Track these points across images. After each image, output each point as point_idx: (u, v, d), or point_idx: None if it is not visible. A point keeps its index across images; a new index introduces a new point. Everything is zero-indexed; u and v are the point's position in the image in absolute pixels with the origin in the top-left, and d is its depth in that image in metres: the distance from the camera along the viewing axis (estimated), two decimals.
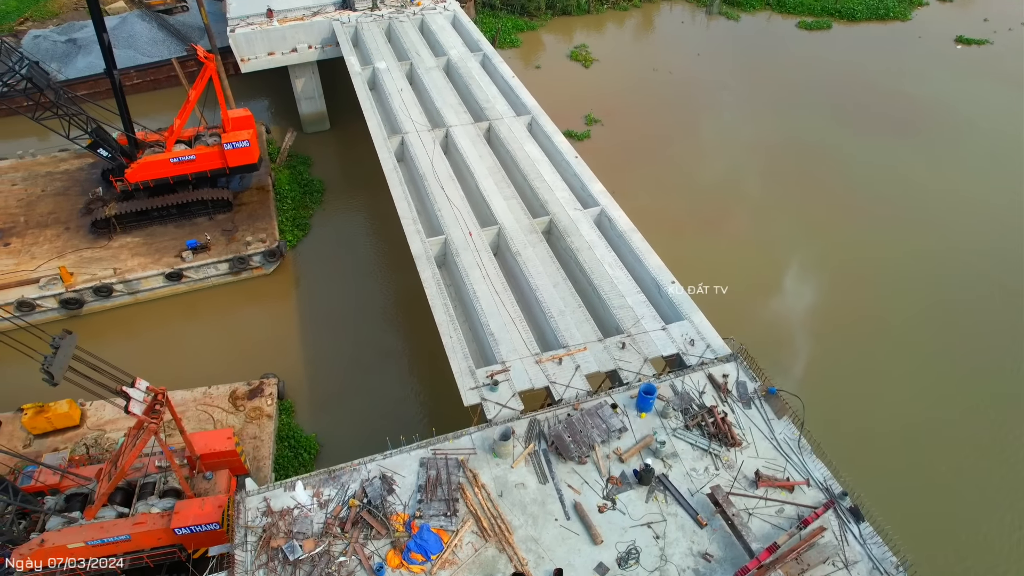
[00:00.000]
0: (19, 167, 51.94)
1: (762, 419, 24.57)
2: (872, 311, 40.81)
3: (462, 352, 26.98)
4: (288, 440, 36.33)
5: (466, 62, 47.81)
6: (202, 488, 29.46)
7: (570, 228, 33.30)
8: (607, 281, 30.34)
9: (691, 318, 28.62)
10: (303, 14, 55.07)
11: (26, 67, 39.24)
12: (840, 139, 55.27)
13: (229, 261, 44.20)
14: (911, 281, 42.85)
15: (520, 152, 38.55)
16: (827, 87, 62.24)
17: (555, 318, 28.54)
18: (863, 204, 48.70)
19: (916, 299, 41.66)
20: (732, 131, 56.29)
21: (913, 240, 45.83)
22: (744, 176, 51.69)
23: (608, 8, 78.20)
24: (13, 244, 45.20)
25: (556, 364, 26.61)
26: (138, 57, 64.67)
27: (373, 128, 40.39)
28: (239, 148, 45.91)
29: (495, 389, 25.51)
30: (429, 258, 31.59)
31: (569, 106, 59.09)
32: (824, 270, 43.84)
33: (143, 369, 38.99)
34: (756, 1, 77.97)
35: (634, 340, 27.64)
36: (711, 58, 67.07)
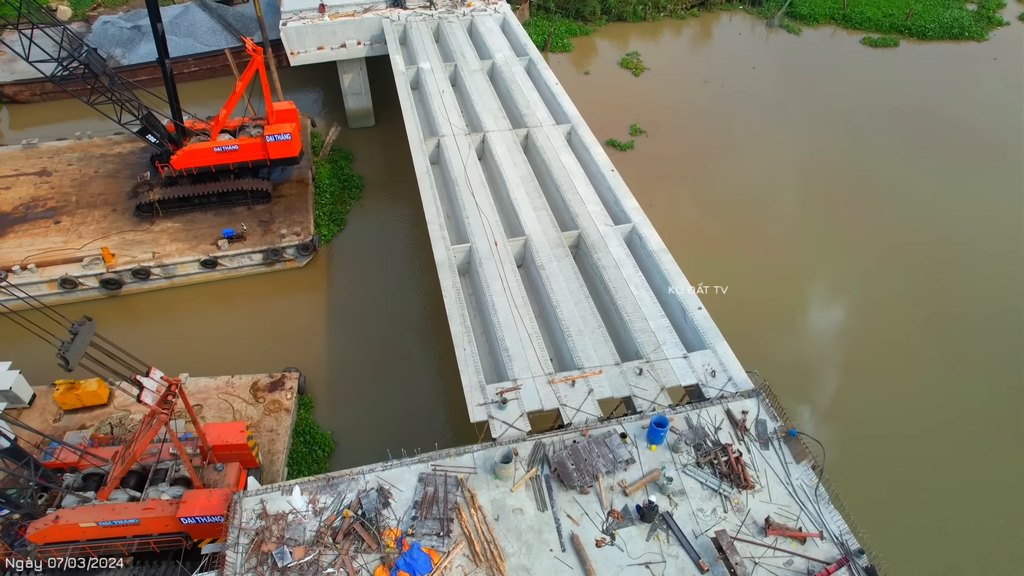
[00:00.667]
0: (76, 148, 53.76)
1: (779, 462, 23.35)
2: (912, 351, 38.52)
3: (474, 366, 26.50)
4: (304, 436, 36.49)
5: (511, 66, 47.30)
6: (212, 479, 29.76)
7: (598, 244, 32.45)
8: (631, 302, 29.42)
9: (715, 347, 27.48)
10: (354, 10, 55.44)
11: (84, 54, 40.47)
12: (897, 165, 52.61)
13: (263, 252, 44.75)
14: (959, 323, 40.34)
15: (555, 162, 37.84)
16: (888, 109, 59.44)
17: (573, 337, 27.79)
18: (915, 237, 46.13)
19: (964, 344, 39.14)
20: (781, 150, 54.23)
21: (963, 279, 43.21)
22: (788, 197, 49.61)
23: (665, 16, 76.58)
24: (63, 222, 46.76)
25: (569, 386, 25.88)
26: (197, 46, 66.31)
27: (410, 129, 40.25)
28: (281, 141, 46.46)
29: (503, 407, 24.95)
30: (452, 266, 31.21)
31: (615, 115, 58.01)
32: (861, 302, 41.64)
33: (171, 352, 40.29)
34: (820, 15, 75.14)
35: (653, 367, 26.69)
36: (767, 72, 64.90)
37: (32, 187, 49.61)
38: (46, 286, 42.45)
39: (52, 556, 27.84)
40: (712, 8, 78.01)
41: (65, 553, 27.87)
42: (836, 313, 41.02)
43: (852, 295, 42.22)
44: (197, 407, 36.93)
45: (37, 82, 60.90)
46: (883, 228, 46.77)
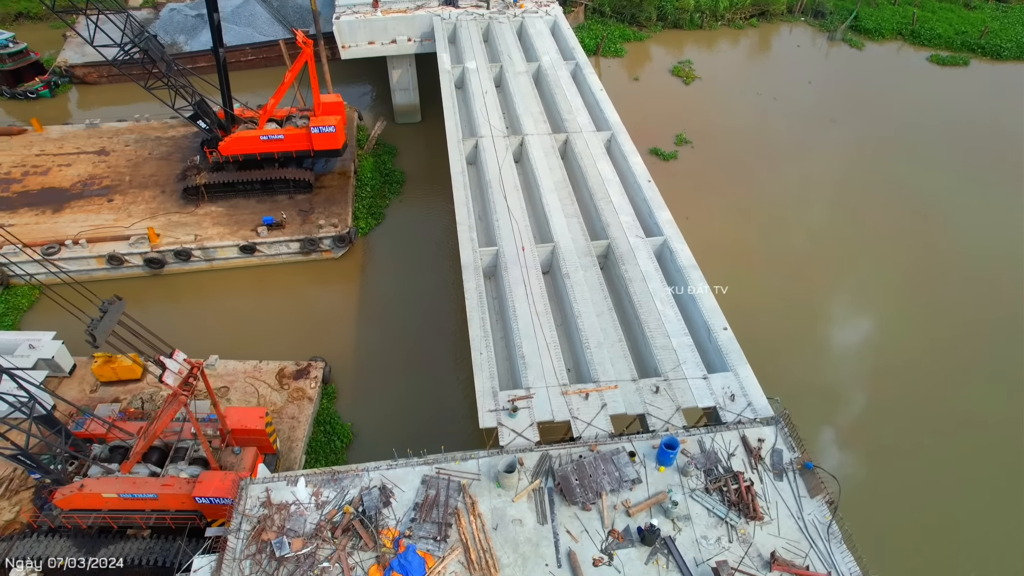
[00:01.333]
0: (134, 130, 55.79)
1: (792, 495, 22.52)
2: (952, 389, 36.51)
3: (489, 371, 26.38)
4: (324, 425, 36.98)
5: (556, 70, 46.97)
6: (229, 462, 30.44)
7: (627, 255, 31.92)
8: (655, 317, 28.83)
9: (737, 370, 26.69)
10: (407, 7, 55.98)
11: (144, 40, 41.93)
12: (956, 191, 50.25)
13: (300, 241, 45.58)
14: (1010, 363, 38.24)
15: (592, 169, 37.40)
16: (951, 130, 56.87)
17: (591, 349, 27.40)
18: (969, 270, 43.90)
19: (1012, 389, 37.01)
20: (830, 168, 52.31)
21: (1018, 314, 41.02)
22: (831, 218, 47.68)
23: (723, 25, 75.05)
24: (116, 201, 48.56)
25: (582, 399, 25.51)
26: (255, 35, 68.08)
27: (449, 128, 40.37)
28: (325, 133, 47.26)
29: (514, 415, 24.76)
30: (477, 268, 31.15)
31: (662, 123, 57.12)
32: (899, 333, 39.69)
33: (205, 333, 41.40)
34: (887, 30, 72.45)
35: (670, 385, 26.09)
36: (823, 87, 62.90)
37: (91, 165, 51.67)
38: (95, 261, 44.10)
39: (75, 522, 28.88)
40: (772, 19, 76.20)
41: (87, 520, 28.88)
42: (870, 343, 39.29)
43: (890, 325, 40.42)
44: (224, 389, 37.86)
45: (104, 65, 63.44)
46: (934, 259, 44.62)
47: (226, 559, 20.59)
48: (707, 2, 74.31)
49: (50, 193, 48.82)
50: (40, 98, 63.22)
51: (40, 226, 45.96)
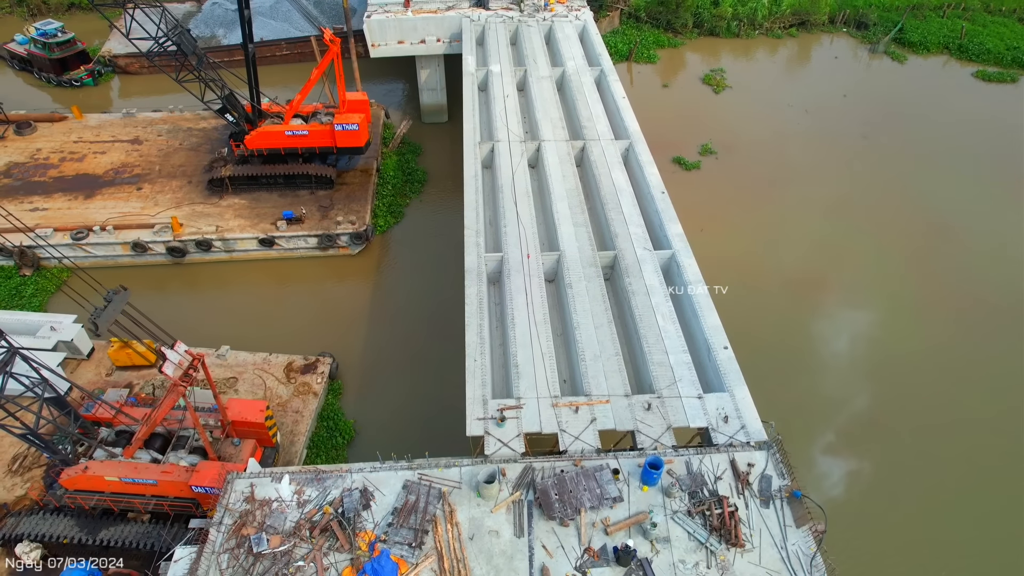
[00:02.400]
0: (168, 120, 57.25)
1: (777, 523, 21.96)
2: (963, 426, 34.88)
3: (481, 379, 26.35)
4: (328, 421, 37.42)
5: (580, 76, 46.67)
6: (228, 453, 30.98)
7: (632, 268, 31.54)
8: (654, 332, 28.43)
9: (733, 391, 26.16)
10: (437, 7, 56.26)
11: (177, 34, 43.06)
12: (986, 218, 48.20)
13: (318, 237, 46.20)
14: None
15: (606, 178, 37.06)
16: (989, 152, 54.72)
17: (587, 362, 27.15)
18: (993, 299, 42.09)
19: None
20: (854, 188, 50.42)
21: None
22: (850, 240, 45.96)
23: (760, 34, 73.58)
24: (145, 189, 49.90)
25: (572, 412, 25.30)
26: (291, 30, 69.20)
27: (467, 131, 40.45)
28: (348, 130, 47.82)
29: (502, 425, 24.69)
30: (480, 274, 31.14)
31: (687, 131, 56.30)
32: (915, 363, 38.06)
33: (220, 323, 42.25)
34: (933, 44, 70.10)
35: (663, 403, 25.69)
36: (858, 101, 61.16)
37: (124, 153, 53.22)
38: (120, 248, 45.41)
39: (79, 503, 29.77)
40: (813, 29, 74.42)
41: (90, 501, 29.74)
42: (880, 371, 37.63)
43: (904, 353, 38.62)
44: (232, 380, 38.60)
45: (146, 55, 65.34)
46: (954, 286, 42.73)
47: (205, 551, 20.98)
48: (745, 10, 72.97)
49: (84, 179, 50.41)
50: (84, 86, 65.33)
51: (72, 211, 47.49)
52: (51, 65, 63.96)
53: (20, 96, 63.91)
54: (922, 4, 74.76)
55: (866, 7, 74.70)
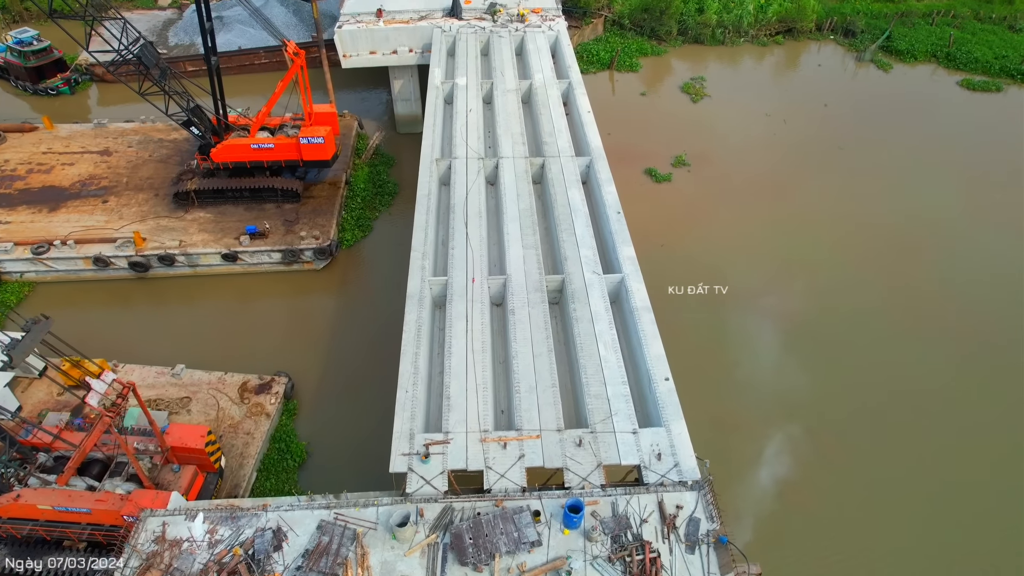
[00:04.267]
0: (139, 131, 56.86)
1: (702, 570, 21.19)
2: (925, 477, 33.18)
3: (411, 411, 25.70)
4: (280, 443, 36.85)
5: (547, 89, 45.90)
6: (166, 480, 30.50)
7: (579, 293, 30.79)
8: (594, 362, 27.68)
9: (670, 426, 25.38)
10: (410, 17, 55.61)
11: (139, 47, 42.72)
12: (965, 233, 47.06)
13: (281, 252, 45.68)
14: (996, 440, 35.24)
15: (561, 197, 36.32)
16: (971, 162, 53.54)
17: (521, 394, 26.44)
18: (962, 319, 40.97)
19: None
20: (827, 200, 49.24)
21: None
22: (818, 256, 44.73)
23: (746, 41, 72.52)
24: (110, 202, 49.50)
25: (500, 447, 24.60)
26: (269, 39, 68.30)
27: (425, 147, 39.83)
28: (314, 143, 47.28)
29: (426, 461, 24.03)
30: (422, 299, 30.47)
31: (662, 142, 55.46)
32: (884, 403, 36.33)
33: (180, 340, 41.69)
34: (920, 52, 68.87)
35: (596, 439, 24.96)
36: (839, 110, 60.07)
37: (92, 165, 52.85)
38: (82, 262, 44.99)
39: (8, 531, 29.28)
40: (799, 37, 73.29)
41: (22, 530, 29.24)
42: (837, 402, 36.03)
43: (866, 384, 37.25)
44: (185, 400, 38.11)
45: (122, 64, 65.00)
46: (927, 310, 41.48)
47: None
48: (730, 18, 71.95)
49: (50, 192, 50.07)
50: (60, 95, 65.10)
51: (35, 224, 47.13)
52: (27, 73, 63.77)
53: None
54: (911, 11, 73.59)
55: (854, 14, 73.56)
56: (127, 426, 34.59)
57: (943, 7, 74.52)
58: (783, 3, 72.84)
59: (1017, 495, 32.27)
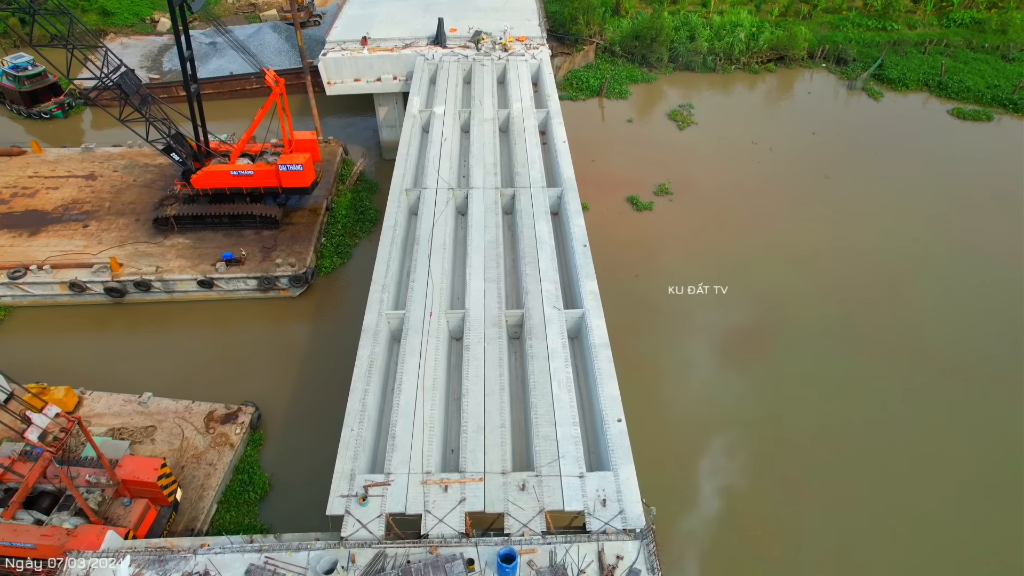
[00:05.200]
0: (126, 155, 57.33)
1: None
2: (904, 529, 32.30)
3: (354, 451, 25.22)
4: (243, 474, 36.43)
5: (525, 119, 45.79)
6: (116, 514, 30.12)
7: (537, 329, 30.30)
8: (546, 402, 27.11)
9: (619, 470, 24.71)
10: (395, 45, 55.94)
11: (119, 75, 43.24)
12: (942, 269, 46.12)
13: (257, 279, 45.58)
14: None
15: (528, 229, 35.97)
16: (955, 193, 52.79)
17: (468, 434, 25.90)
18: (940, 362, 39.90)
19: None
20: (807, 231, 48.41)
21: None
22: (793, 288, 43.79)
23: (737, 69, 72.42)
24: (91, 227, 49.73)
25: (441, 490, 24.03)
26: (262, 65, 69.34)
27: (396, 177, 39.72)
28: (292, 171, 47.42)
29: (365, 503, 23.50)
30: (377, 334, 30.11)
31: (646, 169, 55.20)
32: (858, 453, 35.26)
33: (152, 367, 41.45)
34: (912, 80, 68.44)
35: (540, 483, 24.33)
36: (827, 138, 59.60)
37: (76, 189, 53.24)
38: (58, 287, 45.07)
39: None
40: (791, 64, 73.12)
41: None
42: (802, 446, 35.13)
43: (836, 425, 36.28)
44: (150, 429, 37.83)
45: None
46: (899, 349, 40.41)
47: None
48: (722, 45, 71.97)
49: (32, 216, 50.40)
50: (54, 119, 65.91)
51: (14, 248, 47.37)
52: (22, 97, 64.67)
53: None
54: (903, 40, 73.29)
55: (846, 42, 73.37)
56: (86, 457, 34.40)
57: (936, 36, 74.22)
58: (775, 31, 72.81)
59: (986, 524, 31.39)
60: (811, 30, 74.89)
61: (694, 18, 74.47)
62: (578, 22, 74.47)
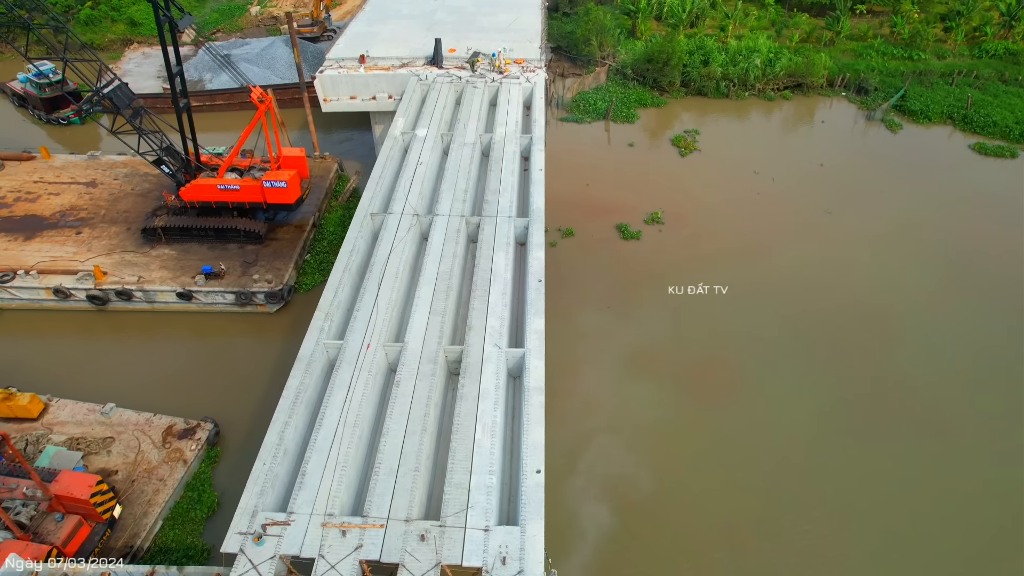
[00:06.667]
0: (128, 164, 58.63)
1: None
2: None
3: (261, 486, 24.78)
4: (194, 491, 36.45)
5: (506, 144, 45.09)
6: (47, 529, 30.33)
7: (473, 367, 29.45)
8: (466, 446, 26.22)
9: (527, 526, 23.64)
10: (391, 64, 56.00)
11: (112, 89, 44.38)
12: (936, 316, 43.51)
13: (235, 293, 45.85)
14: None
15: (485, 261, 35.20)
16: (973, 231, 49.83)
17: (379, 476, 25.18)
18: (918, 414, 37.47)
19: None
20: (798, 272, 46.08)
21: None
22: (772, 332, 41.60)
23: (752, 95, 70.39)
24: (84, 234, 50.88)
25: (340, 535, 23.35)
26: (272, 77, 70.56)
27: (363, 200, 39.50)
28: (276, 187, 47.67)
29: (260, 543, 22.99)
30: (311, 364, 29.71)
31: (640, 196, 53.81)
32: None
33: (122, 375, 41.99)
34: (935, 113, 65.35)
35: (443, 533, 23.44)
36: (835, 171, 57.12)
37: (76, 196, 54.63)
38: (44, 292, 46.15)
39: None
40: (809, 92, 70.69)
41: None
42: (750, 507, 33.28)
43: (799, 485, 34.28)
44: (108, 440, 38.18)
45: (144, 97, 67.62)
46: (894, 401, 38.03)
47: None
48: (736, 71, 70.07)
49: (30, 220, 51.85)
50: (71, 124, 68.06)
51: (7, 252, 48.73)
52: (42, 103, 66.98)
53: (17, 131, 67.28)
54: (929, 71, 70.14)
55: (868, 71, 70.63)
56: (38, 467, 34.85)
57: (966, 67, 70.82)
58: (792, 58, 70.56)
59: None
60: (832, 57, 72.37)
61: (709, 42, 72.75)
62: (591, 43, 73.58)
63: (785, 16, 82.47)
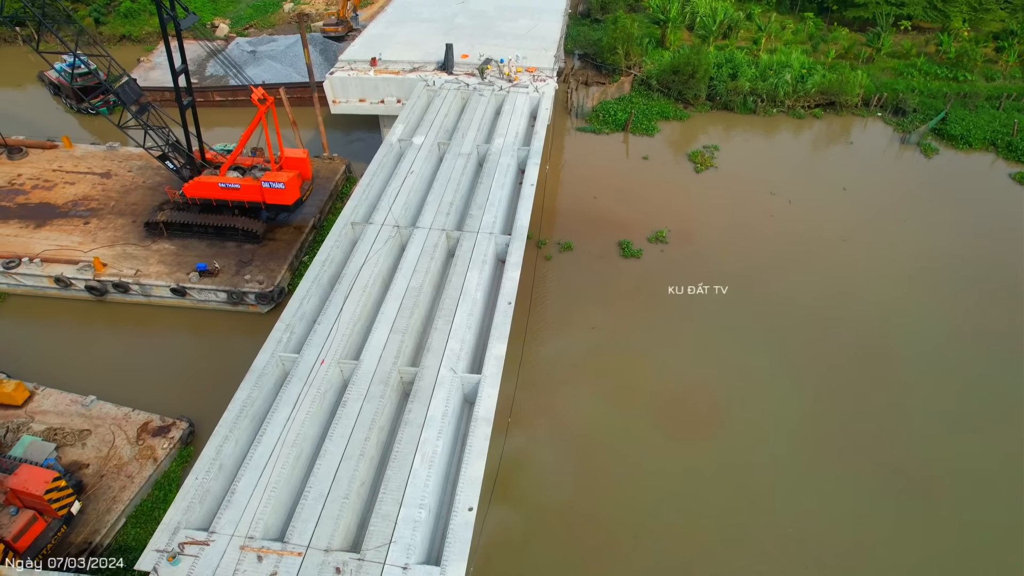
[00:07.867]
0: (144, 156, 59.48)
1: None
2: None
3: (189, 502, 24.40)
4: (162, 490, 36.70)
5: (502, 156, 44.02)
6: (1, 523, 30.75)
7: (424, 391, 28.57)
8: (400, 475, 25.37)
9: (447, 568, 22.64)
10: (402, 68, 55.52)
11: (120, 86, 45.23)
12: (942, 353, 40.74)
13: (227, 292, 46.10)
14: None
15: (457, 278, 34.26)
16: (998, 271, 46.56)
17: (308, 501, 24.55)
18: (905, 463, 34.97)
19: None
20: (800, 302, 43.72)
21: None
22: (764, 362, 39.64)
23: (780, 112, 67.56)
24: (91, 224, 51.98)
25: (256, 560, 22.79)
26: (294, 75, 71.09)
27: (346, 209, 39.01)
28: (274, 188, 47.79)
29: (175, 563, 22.61)
30: (262, 377, 29.32)
31: (648, 212, 52.05)
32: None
33: (110, 368, 42.62)
34: (976, 139, 61.49)
35: (360, 568, 22.64)
36: (858, 196, 54.13)
37: (90, 186, 55.91)
38: (46, 280, 47.28)
39: None
40: (842, 111, 67.45)
41: None
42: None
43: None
44: (85, 432, 38.71)
45: (167, 90, 68.94)
46: (881, 452, 35.64)
47: None
48: (765, 86, 67.36)
49: (44, 208, 53.26)
50: (99, 114, 69.79)
51: (18, 239, 50.12)
52: (73, 93, 68.91)
53: (49, 119, 69.51)
54: (975, 93, 66.06)
55: (907, 91, 66.96)
56: (15, 456, 35.53)
57: (1016, 91, 66.47)
58: (826, 75, 67.41)
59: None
60: (870, 75, 68.87)
61: (739, 55, 70.14)
62: (616, 52, 71.82)
63: (824, 30, 78.99)
